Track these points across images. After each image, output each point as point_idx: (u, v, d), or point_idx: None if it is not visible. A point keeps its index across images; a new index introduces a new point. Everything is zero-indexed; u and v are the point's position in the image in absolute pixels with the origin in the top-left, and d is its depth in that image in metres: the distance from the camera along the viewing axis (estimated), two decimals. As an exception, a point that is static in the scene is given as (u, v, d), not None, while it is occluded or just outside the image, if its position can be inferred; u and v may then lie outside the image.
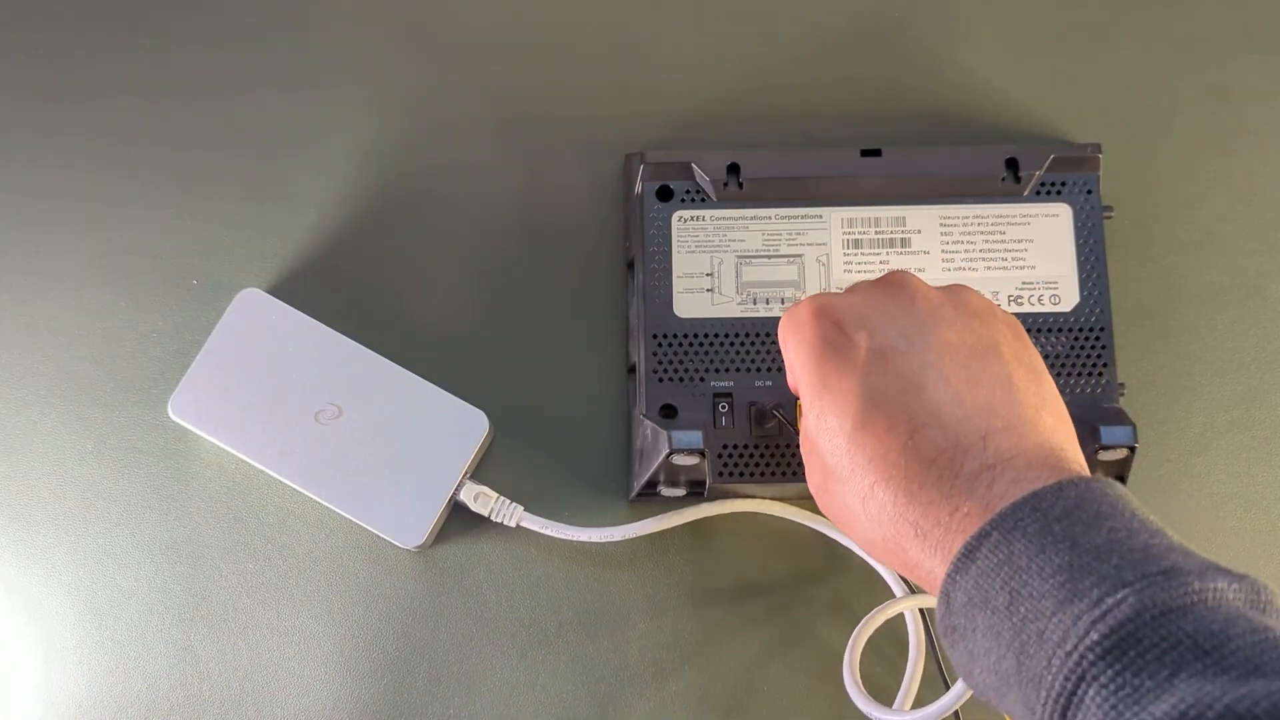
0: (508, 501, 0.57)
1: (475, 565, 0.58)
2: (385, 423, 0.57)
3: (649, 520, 0.57)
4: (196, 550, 0.58)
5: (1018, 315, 0.57)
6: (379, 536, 0.57)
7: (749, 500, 0.57)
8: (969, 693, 0.47)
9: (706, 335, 0.57)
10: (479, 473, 0.58)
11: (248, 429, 0.57)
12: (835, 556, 0.58)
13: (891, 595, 0.57)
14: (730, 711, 0.57)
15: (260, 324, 0.58)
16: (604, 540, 0.57)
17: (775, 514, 0.58)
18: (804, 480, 0.54)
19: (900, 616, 0.56)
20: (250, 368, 0.58)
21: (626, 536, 0.57)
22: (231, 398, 0.57)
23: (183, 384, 0.58)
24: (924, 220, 0.58)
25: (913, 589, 0.56)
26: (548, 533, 0.57)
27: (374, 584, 0.58)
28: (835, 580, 0.58)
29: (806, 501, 0.58)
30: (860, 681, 0.53)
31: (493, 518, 0.57)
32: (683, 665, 0.57)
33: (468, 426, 0.57)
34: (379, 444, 0.57)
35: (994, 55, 0.63)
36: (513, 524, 0.57)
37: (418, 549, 0.57)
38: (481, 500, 0.57)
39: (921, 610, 0.56)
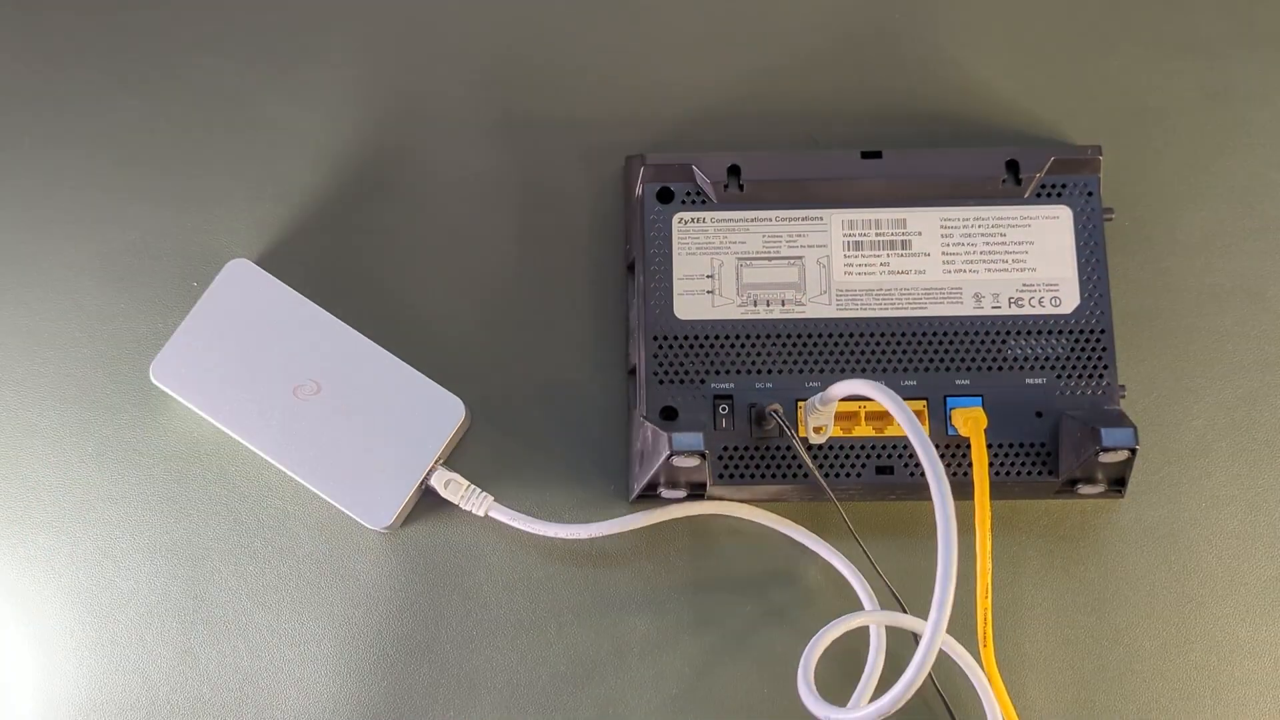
0: (477, 490, 0.57)
1: (476, 567, 0.58)
2: (362, 402, 0.57)
3: (615, 520, 0.57)
4: (196, 552, 0.58)
5: (1018, 317, 0.57)
6: (379, 536, 0.57)
7: (727, 504, 0.57)
8: (914, 688, 0.46)
9: (707, 337, 0.57)
10: (460, 463, 0.58)
11: (226, 398, 0.57)
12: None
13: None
14: (729, 711, 0.57)
15: (248, 295, 0.59)
16: (570, 537, 0.57)
17: (743, 516, 0.58)
18: (804, 482, 0.54)
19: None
20: (234, 338, 0.58)
21: (593, 535, 0.57)
22: (213, 366, 0.58)
23: (166, 349, 0.58)
24: (925, 222, 0.58)
25: (884, 602, 0.56)
26: (515, 525, 0.57)
27: (375, 586, 0.58)
28: (834, 579, 0.58)
29: (806, 502, 0.58)
30: (814, 683, 0.51)
31: (461, 505, 0.57)
32: (682, 665, 0.57)
33: (444, 412, 0.58)
34: (354, 423, 0.57)
35: (994, 57, 0.63)
36: (481, 513, 0.57)
37: (386, 529, 0.57)
38: (452, 487, 0.57)
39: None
